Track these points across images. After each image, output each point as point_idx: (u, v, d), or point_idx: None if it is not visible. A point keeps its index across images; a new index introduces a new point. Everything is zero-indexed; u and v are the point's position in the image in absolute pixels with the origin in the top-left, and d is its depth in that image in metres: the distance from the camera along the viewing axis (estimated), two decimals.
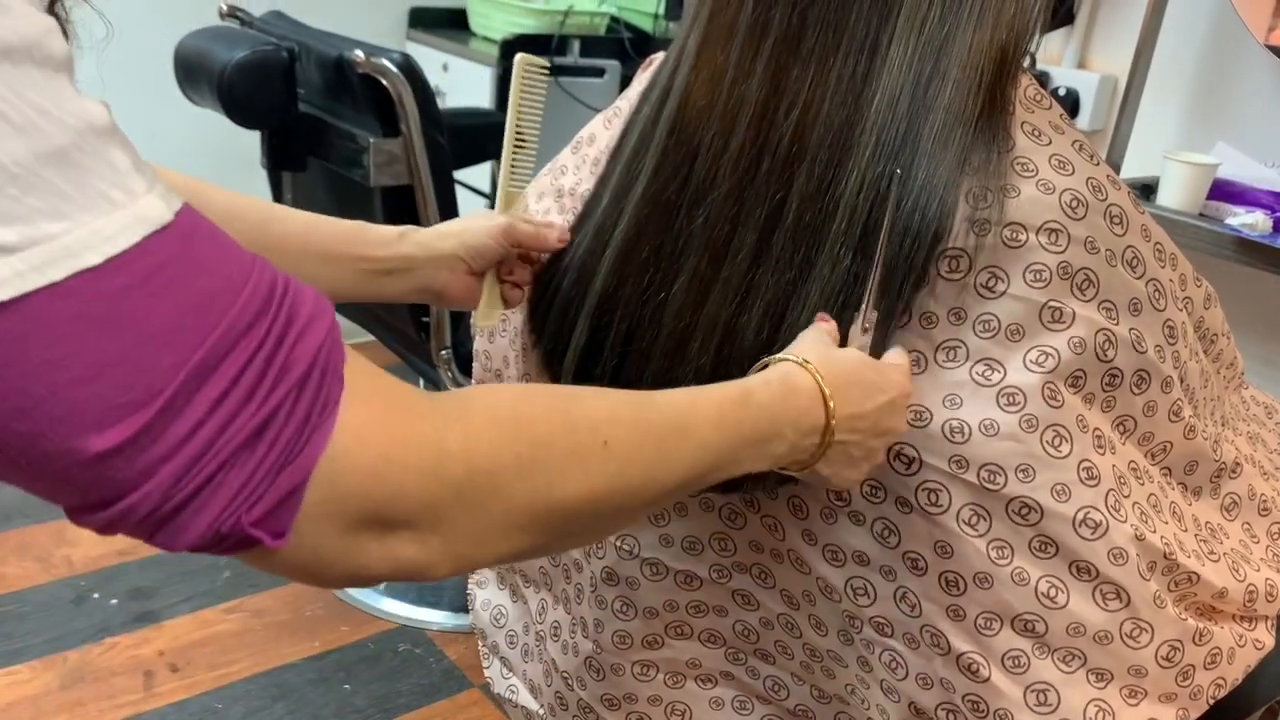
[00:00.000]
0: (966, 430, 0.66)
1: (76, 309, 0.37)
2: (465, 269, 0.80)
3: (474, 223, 0.81)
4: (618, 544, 0.82)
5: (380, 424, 0.43)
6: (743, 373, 0.70)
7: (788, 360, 0.64)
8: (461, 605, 1.90)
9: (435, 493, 0.45)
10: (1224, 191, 1.63)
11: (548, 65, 0.83)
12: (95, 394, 0.37)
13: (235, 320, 0.40)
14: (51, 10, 0.42)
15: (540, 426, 0.50)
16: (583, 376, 0.77)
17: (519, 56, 0.83)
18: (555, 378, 0.79)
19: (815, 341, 0.66)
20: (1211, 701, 0.74)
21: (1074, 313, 0.67)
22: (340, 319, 2.17)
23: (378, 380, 0.45)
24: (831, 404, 0.62)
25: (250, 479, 0.40)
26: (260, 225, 0.76)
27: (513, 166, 0.83)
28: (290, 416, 0.41)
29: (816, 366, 0.63)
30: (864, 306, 0.67)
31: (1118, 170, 1.82)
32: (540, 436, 0.49)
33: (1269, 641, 0.78)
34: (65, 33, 0.46)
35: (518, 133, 0.83)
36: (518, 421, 0.49)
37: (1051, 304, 0.67)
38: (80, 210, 0.37)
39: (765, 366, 0.65)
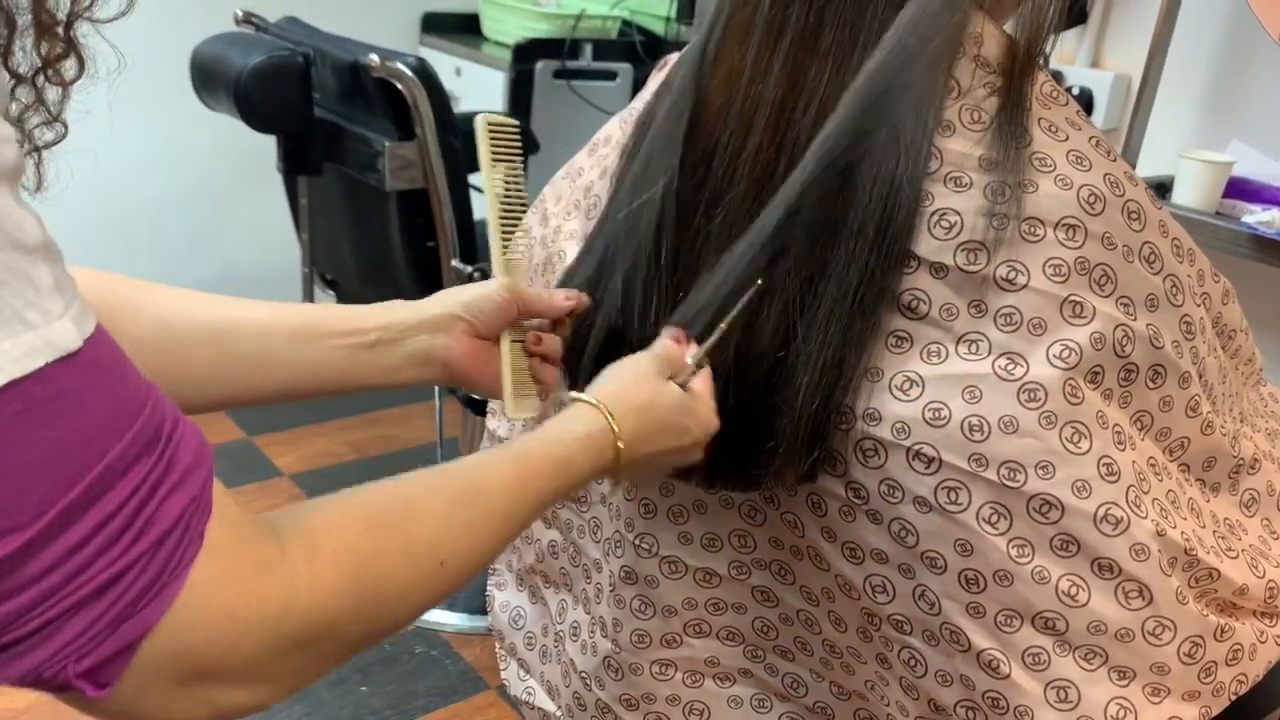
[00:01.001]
0: (986, 427, 0.66)
1: None
2: (467, 330, 0.73)
3: (470, 286, 0.76)
4: (636, 542, 0.83)
5: (229, 581, 0.43)
6: (759, 372, 0.70)
7: (594, 406, 0.66)
8: (478, 607, 1.91)
9: (270, 647, 0.45)
10: (1239, 189, 1.62)
11: (515, 124, 0.77)
12: None
13: (115, 463, 0.40)
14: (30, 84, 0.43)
15: (383, 563, 0.51)
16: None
17: (479, 117, 0.77)
18: (572, 376, 0.80)
19: (634, 381, 0.68)
20: (1233, 698, 0.74)
21: (1094, 308, 0.67)
22: None
23: (235, 532, 0.44)
24: (624, 450, 0.66)
25: (87, 630, 0.39)
26: (210, 311, 0.71)
27: (503, 232, 0.76)
28: (143, 573, 0.40)
29: (618, 417, 0.65)
30: (700, 347, 0.70)
31: (1132, 169, 1.81)
32: (384, 573, 0.50)
33: None
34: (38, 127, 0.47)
35: (499, 196, 0.77)
36: (363, 563, 0.49)
37: (1072, 298, 0.67)
38: None
39: (574, 401, 0.67)
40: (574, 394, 0.67)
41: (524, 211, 0.78)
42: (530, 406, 0.75)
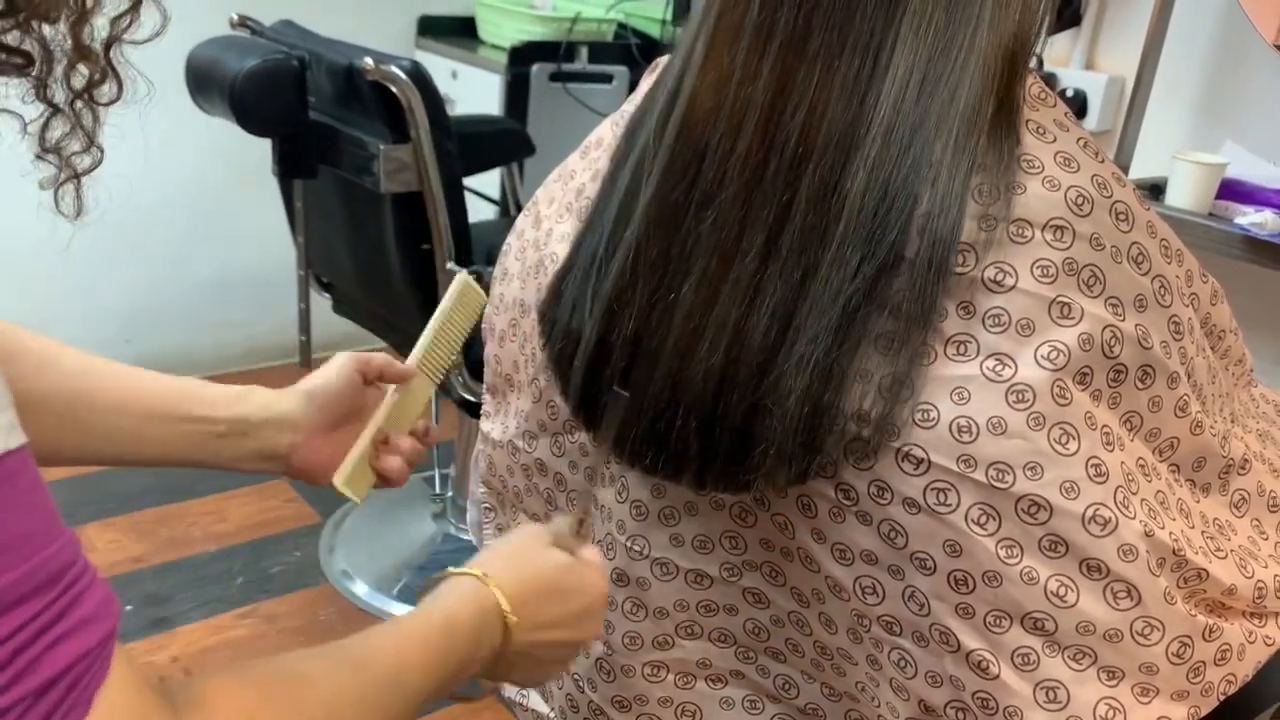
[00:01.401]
0: (974, 429, 0.67)
1: None
2: (313, 428, 0.76)
3: (314, 374, 0.78)
4: (628, 545, 0.83)
5: None
6: (750, 374, 0.70)
7: (473, 576, 0.66)
8: None
9: None
10: (1233, 191, 1.63)
11: (485, 300, 0.87)
12: None
13: (6, 590, 0.37)
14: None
15: None
16: (592, 379, 0.77)
17: (460, 278, 0.86)
18: (565, 381, 0.80)
19: (519, 548, 0.69)
20: (1222, 698, 0.74)
21: (1082, 309, 0.67)
22: (349, 325, 2.16)
23: (131, 701, 0.42)
24: (512, 619, 0.65)
25: None
26: (73, 375, 0.72)
27: (427, 351, 0.86)
28: None
29: (501, 581, 0.65)
30: (577, 513, 0.72)
31: (1126, 171, 1.82)
32: None
33: (1279, 638, 0.78)
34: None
35: (438, 330, 0.86)
36: None
37: (1060, 299, 0.67)
38: None
39: (447, 576, 0.67)
40: (450, 570, 0.68)
41: (450, 355, 0.88)
42: (361, 489, 0.79)
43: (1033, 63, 0.73)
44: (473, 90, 2.63)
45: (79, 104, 0.47)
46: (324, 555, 2.06)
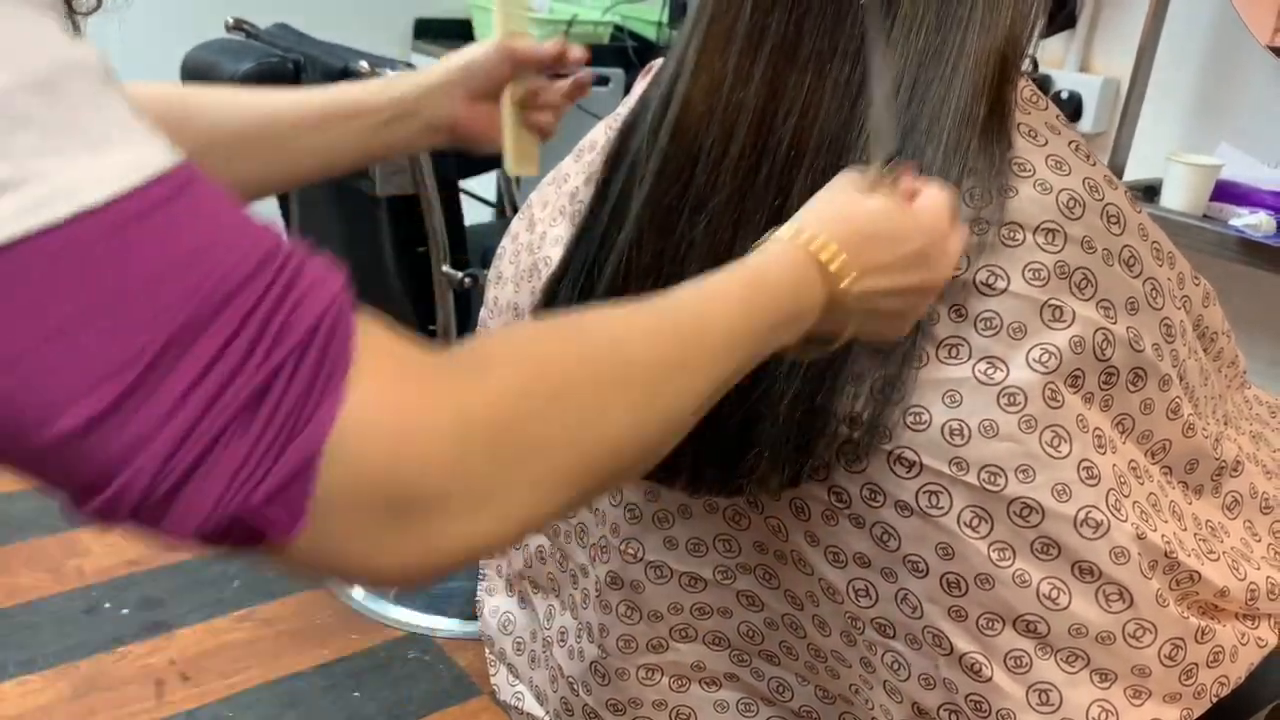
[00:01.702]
0: (966, 431, 0.67)
1: (67, 253, 0.34)
2: (465, 94, 0.78)
3: (464, 50, 0.79)
4: (622, 548, 0.83)
5: (394, 393, 0.39)
6: (741, 377, 0.70)
7: (784, 240, 0.59)
8: (471, 613, 1.91)
9: (464, 460, 0.40)
10: (1227, 193, 1.63)
11: None
12: (77, 350, 0.34)
13: (230, 273, 0.36)
14: None
15: (558, 361, 0.46)
16: None
17: None
18: None
19: (833, 195, 0.61)
20: (1215, 700, 0.74)
21: (1074, 312, 0.68)
22: None
23: (391, 344, 0.41)
24: (834, 266, 0.57)
25: (252, 452, 0.36)
26: (248, 112, 0.76)
27: (505, 14, 0.81)
28: (292, 382, 0.37)
29: (814, 234, 0.58)
30: (879, 161, 0.63)
31: (1121, 172, 1.82)
32: (559, 372, 0.45)
33: (1272, 640, 0.78)
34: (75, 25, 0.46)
35: None
36: (539, 366, 0.45)
37: (1052, 302, 0.67)
38: (76, 148, 0.35)
39: (760, 243, 0.60)
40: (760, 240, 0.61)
41: (524, 6, 0.83)
42: (530, 164, 0.79)
43: (1026, 65, 0.73)
44: None
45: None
46: None
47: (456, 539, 0.41)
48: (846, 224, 0.59)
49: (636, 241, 0.75)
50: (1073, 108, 1.93)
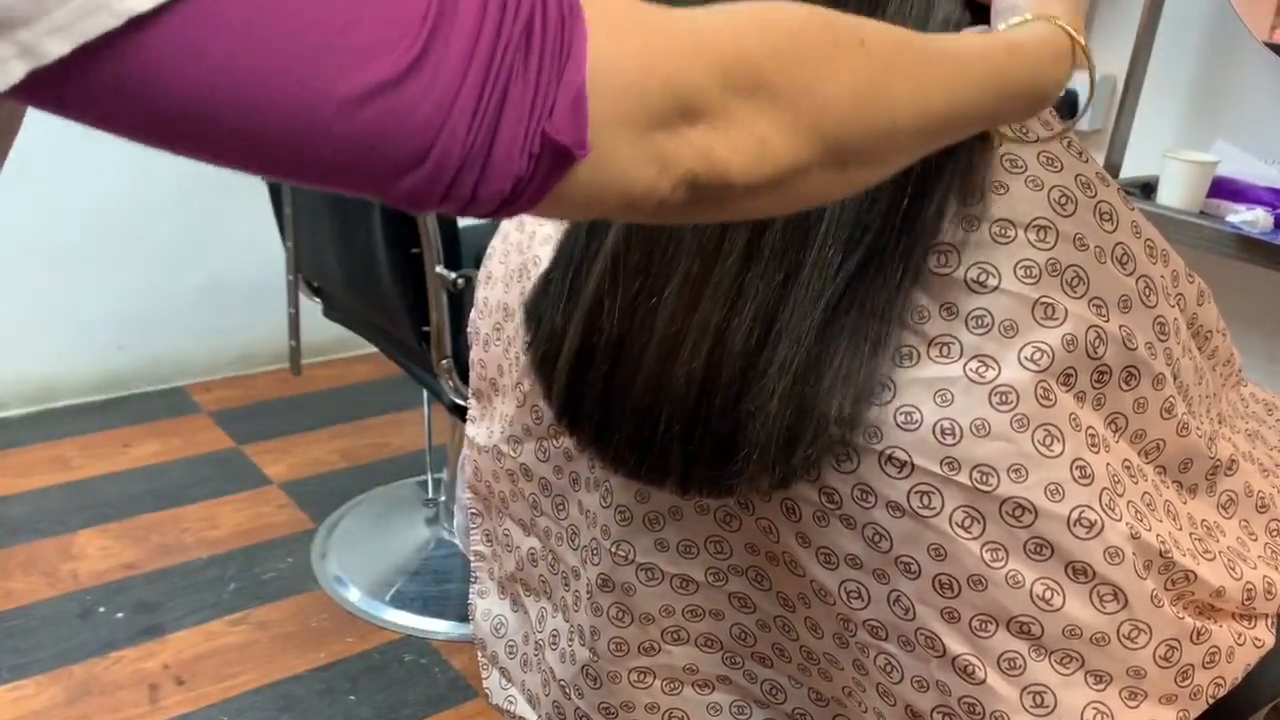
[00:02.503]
0: (958, 431, 0.66)
1: None
2: None
3: None
4: (612, 550, 0.82)
5: (631, 20, 0.42)
6: (732, 378, 0.70)
7: (1039, 21, 0.60)
8: (466, 615, 1.90)
9: (703, 76, 0.43)
10: (1224, 189, 1.62)
11: None
12: (368, 12, 0.35)
13: None
14: None
15: (788, 19, 0.47)
16: (575, 383, 0.77)
17: None
18: (548, 384, 0.79)
19: None
20: (1211, 701, 0.73)
21: (1066, 309, 0.67)
22: (341, 329, 2.15)
23: None
24: (1082, 42, 0.60)
25: (537, 88, 0.38)
26: None
27: None
28: (546, 20, 0.39)
29: (1067, 22, 0.60)
30: None
31: (1117, 169, 1.82)
32: (790, 27, 0.47)
33: (1269, 640, 0.77)
34: None
35: None
36: (766, 16, 0.46)
37: (1044, 300, 0.67)
38: None
39: (1008, 28, 0.61)
40: (1005, 25, 0.61)
41: None
42: None
43: None
44: None
45: None
46: (316, 561, 2.05)
47: (704, 149, 0.43)
48: (1071, 5, 0.61)
49: (625, 240, 0.75)
50: (1068, 105, 1.92)
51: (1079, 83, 0.65)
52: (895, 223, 0.67)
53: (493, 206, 0.40)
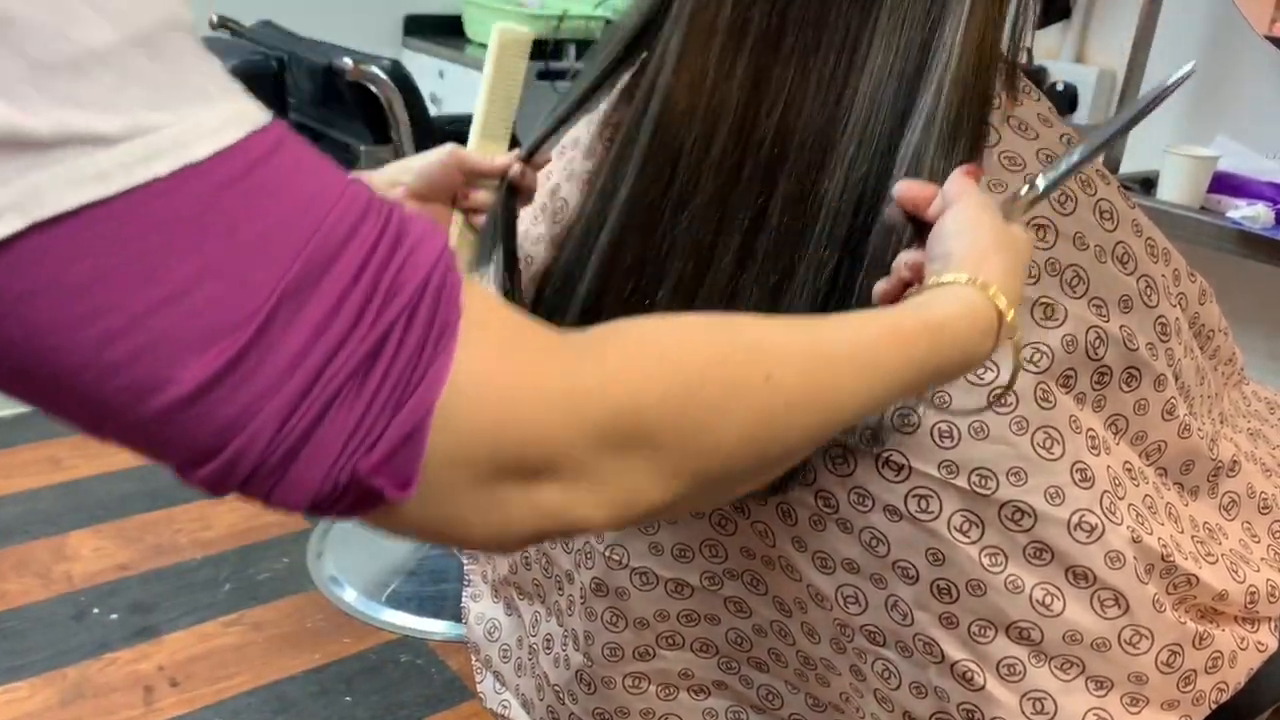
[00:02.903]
0: (956, 433, 0.65)
1: (177, 209, 0.33)
2: (410, 194, 0.76)
3: (420, 154, 0.78)
4: (606, 554, 0.81)
5: (506, 356, 0.39)
6: None
7: (971, 286, 0.55)
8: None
9: (572, 434, 0.40)
10: (1225, 184, 1.61)
11: (531, 36, 0.80)
12: (190, 310, 0.33)
13: (335, 226, 0.36)
14: None
15: (689, 358, 0.44)
16: None
17: (498, 26, 0.78)
18: None
19: (1001, 235, 0.57)
20: (1214, 706, 0.72)
21: (1065, 309, 0.66)
22: None
23: (499, 308, 0.40)
24: (1009, 316, 0.55)
25: (364, 416, 0.36)
26: None
27: (485, 117, 0.78)
28: (402, 344, 0.36)
29: (1000, 286, 0.55)
30: (1043, 175, 0.61)
31: (1117, 165, 1.80)
32: (689, 369, 0.43)
33: (1272, 644, 0.76)
34: None
35: (490, 89, 0.78)
36: (662, 352, 0.43)
37: (1043, 300, 0.65)
38: (181, 102, 0.34)
39: (938, 285, 0.56)
40: (936, 280, 0.57)
41: (510, 111, 0.79)
42: (471, 264, 0.78)
43: (1022, 57, 0.71)
44: (460, 89, 2.61)
45: None
46: (312, 561, 2.04)
47: (558, 509, 0.41)
48: (1009, 267, 0.57)
49: (618, 241, 0.73)
50: (1068, 100, 1.91)
51: (1078, 76, 0.64)
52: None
53: (296, 512, 0.37)
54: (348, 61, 1.51)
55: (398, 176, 0.76)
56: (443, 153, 0.76)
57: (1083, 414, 0.67)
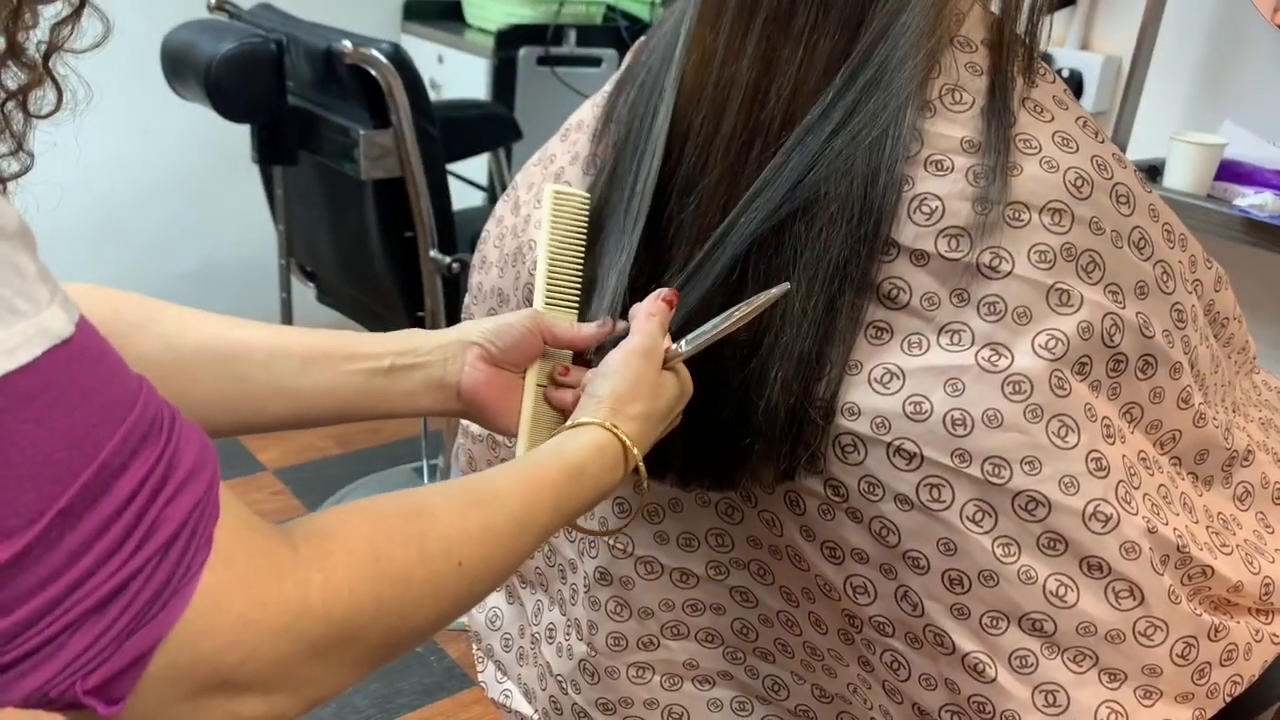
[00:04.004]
0: (969, 422, 0.64)
1: None
2: (483, 356, 0.69)
3: (496, 316, 0.73)
4: (611, 543, 0.80)
5: (242, 586, 0.42)
6: (734, 367, 0.67)
7: (603, 428, 0.63)
8: None
9: (289, 653, 0.43)
10: (1232, 172, 1.59)
11: (585, 197, 0.76)
12: None
13: (110, 459, 0.38)
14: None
15: (398, 563, 0.49)
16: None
17: (552, 189, 0.76)
18: None
19: (642, 383, 0.65)
20: (1228, 699, 0.71)
21: (1081, 296, 0.64)
22: (335, 314, 2.12)
23: (245, 535, 0.43)
24: (635, 450, 0.64)
25: (94, 644, 0.38)
26: (224, 329, 0.68)
27: (548, 284, 0.74)
28: (149, 581, 0.38)
29: (628, 430, 0.63)
30: (696, 336, 0.67)
31: (1123, 152, 1.79)
32: (399, 574, 0.49)
33: None
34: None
35: (551, 255, 0.74)
36: (377, 561, 0.48)
37: (1059, 286, 0.64)
38: None
39: (577, 425, 0.64)
40: (577, 420, 0.64)
41: (576, 276, 0.75)
42: (541, 437, 0.72)
43: (1042, 43, 0.70)
44: (460, 74, 2.59)
45: (9, 106, 0.45)
46: None
47: (255, 715, 0.43)
48: (647, 411, 0.65)
49: (623, 225, 0.72)
50: (1073, 86, 1.89)
51: (1084, 63, 0.63)
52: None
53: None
54: (347, 45, 1.49)
55: (468, 335, 0.70)
56: (524, 318, 0.71)
57: (1098, 402, 0.66)
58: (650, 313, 0.67)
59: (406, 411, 0.70)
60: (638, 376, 0.65)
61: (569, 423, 0.65)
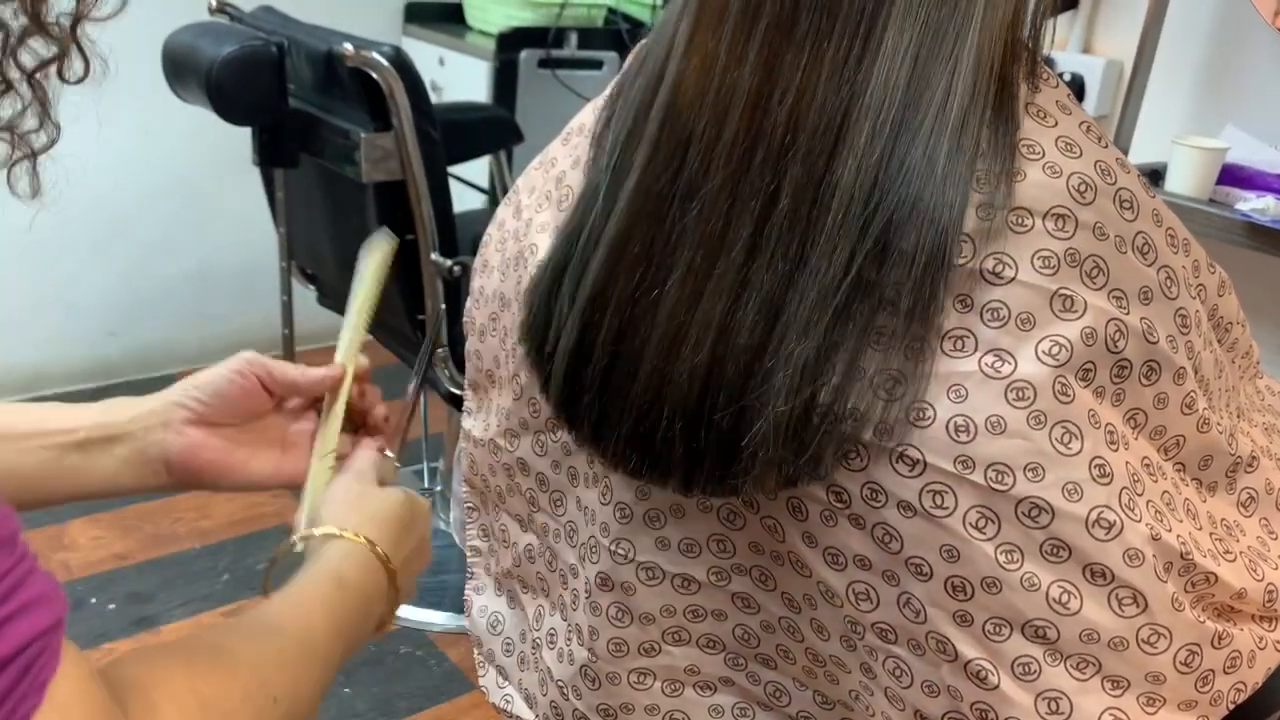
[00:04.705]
0: (972, 428, 0.64)
1: None
2: (190, 419, 0.65)
3: (204, 371, 0.67)
4: (612, 548, 0.80)
5: None
6: (737, 372, 0.67)
7: (337, 535, 0.65)
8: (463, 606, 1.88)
9: None
10: (1233, 176, 1.60)
11: (394, 246, 0.82)
12: None
13: None
14: None
15: (222, 706, 0.50)
16: (573, 377, 0.74)
17: (379, 239, 0.78)
18: (545, 378, 0.77)
19: (360, 496, 0.68)
20: (1232, 707, 0.71)
21: (1085, 301, 0.64)
22: (334, 316, 2.13)
23: (84, 688, 0.41)
24: (392, 565, 0.67)
25: None
26: None
27: (357, 330, 0.76)
28: None
29: (362, 531, 0.66)
30: (379, 443, 0.72)
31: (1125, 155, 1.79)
32: (227, 714, 0.50)
33: None
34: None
35: (364, 301, 0.76)
36: (204, 704, 0.49)
37: (1062, 292, 0.64)
38: None
39: (308, 537, 0.66)
40: (299, 535, 0.66)
41: (364, 333, 0.81)
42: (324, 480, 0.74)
43: (1045, 46, 0.70)
44: (461, 77, 2.59)
45: (37, 77, 0.44)
46: None
47: None
48: (382, 520, 0.68)
49: (625, 231, 0.72)
50: (1075, 90, 1.89)
51: (1085, 66, 0.63)
52: (917, 215, 0.64)
53: None
54: (348, 47, 1.49)
55: (171, 396, 0.64)
56: (229, 365, 0.65)
57: (1101, 408, 0.66)
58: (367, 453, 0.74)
59: (108, 491, 0.64)
60: (356, 489, 0.70)
61: (293, 541, 0.67)
